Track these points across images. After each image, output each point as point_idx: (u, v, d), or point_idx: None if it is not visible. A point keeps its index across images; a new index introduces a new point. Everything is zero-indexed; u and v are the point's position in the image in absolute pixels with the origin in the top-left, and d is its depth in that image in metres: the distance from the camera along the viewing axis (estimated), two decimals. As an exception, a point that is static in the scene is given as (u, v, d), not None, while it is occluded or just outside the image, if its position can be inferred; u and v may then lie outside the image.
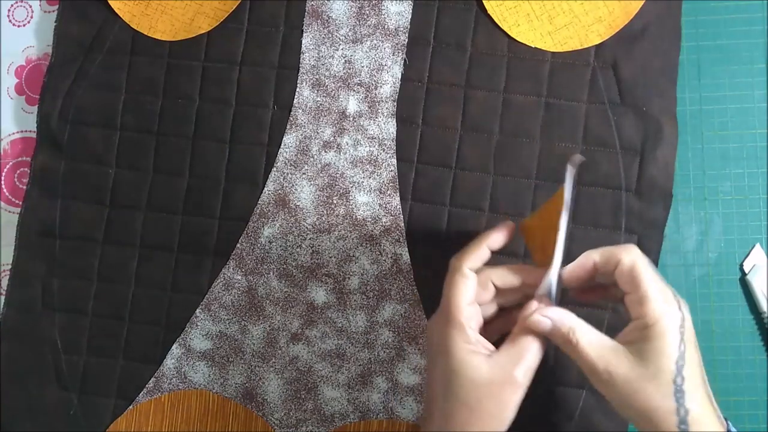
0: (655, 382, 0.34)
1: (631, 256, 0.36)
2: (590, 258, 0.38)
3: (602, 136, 0.49)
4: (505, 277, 0.39)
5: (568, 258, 0.49)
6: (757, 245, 0.49)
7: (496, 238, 0.39)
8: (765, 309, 0.48)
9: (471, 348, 0.37)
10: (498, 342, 0.39)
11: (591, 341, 0.35)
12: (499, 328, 0.42)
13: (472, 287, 0.38)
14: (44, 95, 0.53)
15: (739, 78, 0.50)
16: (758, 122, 0.50)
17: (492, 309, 0.41)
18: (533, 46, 0.50)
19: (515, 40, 0.50)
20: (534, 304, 0.38)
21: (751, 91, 0.50)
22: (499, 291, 0.40)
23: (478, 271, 0.39)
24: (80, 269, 0.52)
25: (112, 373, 0.51)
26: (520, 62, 0.50)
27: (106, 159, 0.52)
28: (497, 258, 0.42)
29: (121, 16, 0.52)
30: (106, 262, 0.52)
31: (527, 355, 0.36)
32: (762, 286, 0.48)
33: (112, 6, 0.52)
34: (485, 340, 0.38)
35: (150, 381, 0.51)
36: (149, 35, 0.52)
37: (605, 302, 0.46)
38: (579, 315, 0.38)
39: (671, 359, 0.34)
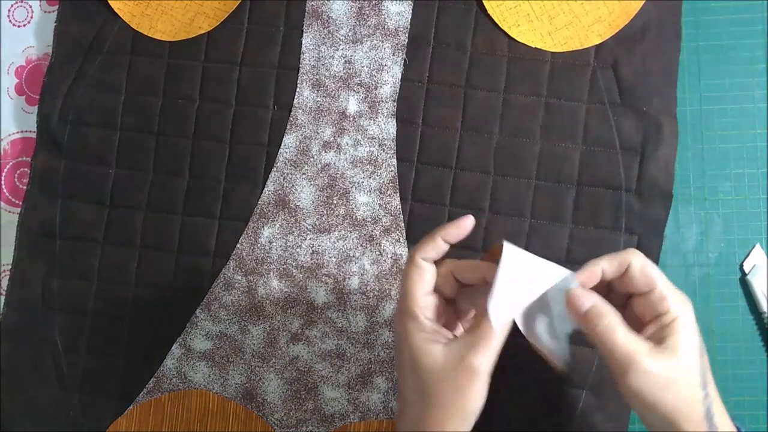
0: (687, 375, 0.34)
1: (639, 258, 0.36)
2: (598, 266, 0.37)
3: (602, 136, 0.49)
4: (464, 272, 0.38)
5: (569, 258, 0.49)
6: (757, 245, 0.49)
7: (452, 232, 0.38)
8: (765, 309, 0.48)
9: (426, 336, 0.36)
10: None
11: (626, 336, 0.35)
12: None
13: (429, 277, 0.37)
14: (44, 95, 0.53)
15: (739, 78, 0.50)
16: (758, 122, 0.50)
17: (469, 307, 0.40)
18: (533, 47, 0.50)
19: (515, 40, 0.50)
20: (494, 292, 0.36)
21: (751, 92, 0.50)
22: (466, 289, 0.39)
23: (439, 264, 0.39)
24: (80, 269, 0.52)
25: (112, 373, 0.51)
26: (520, 62, 0.50)
27: (106, 159, 0.52)
28: (459, 253, 0.42)
29: (121, 16, 0.53)
30: (106, 262, 0.52)
31: (484, 342, 0.35)
32: (762, 286, 0.48)
33: (112, 6, 0.52)
34: (444, 330, 0.38)
35: (150, 381, 0.51)
36: (149, 35, 0.52)
37: None
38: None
39: (696, 350, 0.34)
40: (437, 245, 0.38)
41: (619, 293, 0.37)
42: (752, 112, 0.50)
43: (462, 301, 0.39)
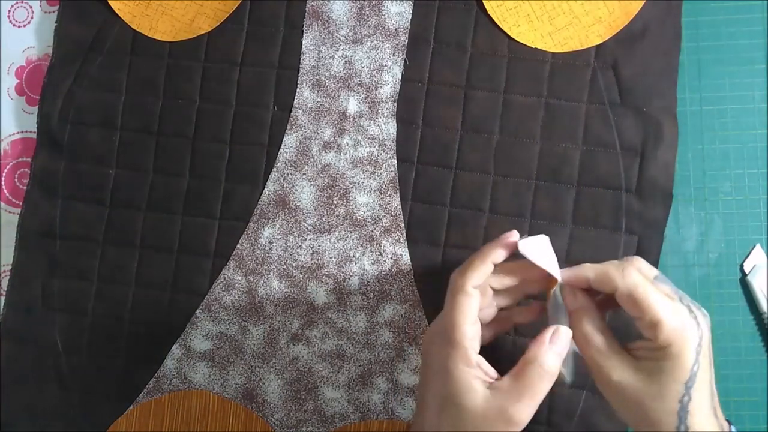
0: (658, 401, 0.33)
1: (627, 282, 0.34)
2: (583, 273, 0.36)
3: (602, 136, 0.49)
4: (503, 280, 0.38)
5: (569, 258, 0.49)
6: (758, 246, 0.49)
7: (500, 253, 0.37)
8: (765, 309, 0.48)
9: (471, 372, 0.35)
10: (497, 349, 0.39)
11: (600, 345, 0.34)
12: (495, 329, 0.41)
13: (476, 306, 0.36)
14: (44, 96, 0.53)
15: (739, 78, 0.50)
16: (758, 123, 0.50)
17: (491, 311, 0.40)
18: (533, 47, 0.50)
19: (515, 40, 0.50)
20: (546, 338, 0.35)
21: (751, 92, 0.50)
22: (497, 292, 0.39)
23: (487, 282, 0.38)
24: (80, 270, 0.52)
25: (113, 373, 0.51)
26: (521, 63, 0.50)
27: (106, 159, 0.52)
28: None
29: (121, 16, 0.52)
30: (107, 263, 0.52)
31: (528, 393, 0.34)
32: (762, 287, 0.48)
33: (113, 6, 0.52)
34: (487, 364, 0.36)
35: (150, 381, 0.51)
36: (149, 36, 0.52)
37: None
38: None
39: (681, 381, 0.33)
40: (486, 269, 0.36)
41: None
42: (752, 113, 0.50)
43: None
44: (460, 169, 0.50)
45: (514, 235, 0.37)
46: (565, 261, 0.49)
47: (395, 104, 0.51)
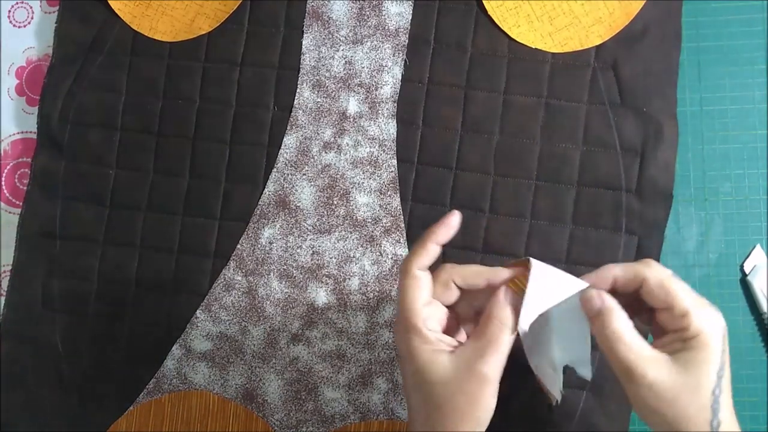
0: (695, 393, 0.33)
1: (656, 274, 0.35)
2: (610, 273, 0.36)
3: (602, 136, 0.49)
4: (467, 278, 0.37)
5: (569, 258, 0.49)
6: (758, 246, 0.49)
7: (442, 233, 0.37)
8: (765, 310, 0.48)
9: (432, 348, 0.36)
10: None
11: (632, 343, 0.34)
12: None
13: (426, 287, 0.37)
14: (44, 96, 0.53)
15: (739, 79, 0.50)
16: (759, 123, 0.50)
17: (469, 311, 0.39)
18: (533, 47, 0.50)
19: (515, 40, 0.50)
20: (500, 295, 0.36)
21: (751, 92, 0.50)
22: (466, 292, 0.38)
23: (439, 270, 0.38)
24: (80, 270, 0.52)
25: (113, 373, 0.51)
26: (521, 63, 0.50)
27: (106, 159, 0.52)
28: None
29: (121, 16, 0.53)
30: (107, 263, 0.52)
31: (491, 348, 0.35)
32: (762, 287, 0.48)
33: (113, 7, 0.52)
34: (448, 337, 0.37)
35: (150, 382, 0.51)
36: (150, 36, 0.52)
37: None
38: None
39: (713, 370, 0.33)
40: (430, 251, 0.37)
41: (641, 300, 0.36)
42: (752, 113, 0.50)
43: (461, 305, 0.38)
44: (460, 170, 0.50)
45: (454, 215, 0.38)
46: (565, 261, 0.49)
47: (395, 104, 0.51)
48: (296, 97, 0.51)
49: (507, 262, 0.39)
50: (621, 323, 0.34)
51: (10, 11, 0.56)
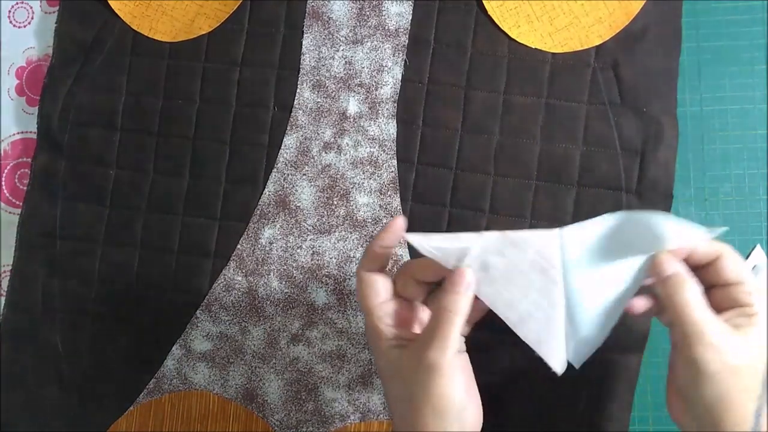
0: (752, 366, 0.34)
1: (733, 253, 0.36)
2: (690, 246, 0.36)
3: (602, 137, 0.49)
4: (417, 274, 0.38)
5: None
6: (758, 246, 0.49)
7: (386, 238, 0.38)
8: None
9: (389, 344, 0.37)
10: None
11: (705, 309, 0.35)
12: (474, 316, 0.40)
13: (380, 287, 0.38)
14: (44, 96, 0.53)
15: (739, 79, 0.50)
16: (759, 123, 0.50)
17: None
18: (534, 47, 0.50)
19: (515, 41, 0.50)
20: (448, 284, 0.36)
21: (751, 92, 0.50)
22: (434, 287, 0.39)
23: (402, 269, 0.39)
24: (81, 270, 0.52)
25: (113, 373, 0.51)
26: (521, 63, 0.50)
27: (106, 160, 0.52)
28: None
29: (121, 16, 0.52)
30: (107, 263, 0.52)
31: (438, 336, 0.35)
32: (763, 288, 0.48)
33: (113, 7, 0.52)
34: (408, 332, 0.38)
35: (150, 382, 0.51)
36: (149, 36, 0.52)
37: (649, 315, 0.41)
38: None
39: (765, 347, 0.35)
40: (376, 255, 0.38)
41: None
42: (752, 113, 0.50)
43: (431, 302, 0.39)
44: (460, 170, 0.50)
45: (398, 220, 0.38)
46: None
47: (395, 105, 0.51)
48: (296, 98, 0.51)
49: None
50: (695, 290, 0.35)
51: (10, 11, 0.56)
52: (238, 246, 0.51)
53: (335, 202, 0.51)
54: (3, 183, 0.55)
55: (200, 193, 0.51)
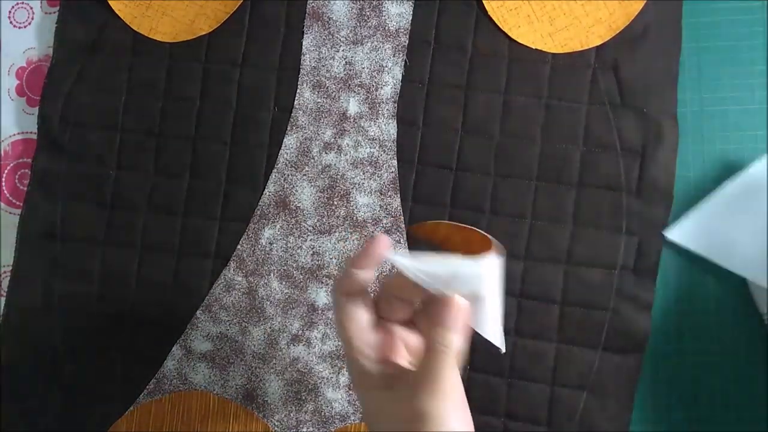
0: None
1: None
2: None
3: (603, 137, 0.49)
4: (410, 290, 0.34)
5: (570, 259, 0.49)
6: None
7: (364, 261, 0.34)
8: (764, 310, 0.48)
9: (373, 384, 0.33)
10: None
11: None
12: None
13: (361, 314, 0.34)
14: (45, 97, 0.53)
15: (739, 80, 0.50)
16: (759, 123, 0.50)
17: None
18: (534, 48, 0.50)
19: (516, 41, 0.50)
20: (452, 311, 0.33)
21: (751, 93, 0.50)
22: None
23: (385, 287, 0.35)
24: (81, 271, 0.52)
25: (113, 374, 0.51)
26: (521, 64, 0.50)
27: (107, 160, 0.52)
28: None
29: (121, 17, 0.52)
30: (107, 264, 0.52)
31: (433, 378, 0.31)
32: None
33: (113, 7, 0.52)
34: (392, 366, 0.34)
35: (150, 382, 0.51)
36: (150, 36, 0.52)
37: None
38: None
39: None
40: (354, 279, 0.34)
41: None
42: (752, 113, 0.50)
43: (420, 321, 0.36)
44: (460, 170, 0.50)
45: (376, 241, 0.34)
46: (566, 262, 0.49)
47: (396, 105, 0.51)
48: (297, 98, 0.51)
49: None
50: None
51: (10, 12, 0.56)
52: (239, 246, 0.51)
53: (335, 203, 0.51)
54: (3, 184, 0.54)
55: (201, 194, 0.51)
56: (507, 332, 0.49)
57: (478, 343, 0.48)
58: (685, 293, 0.49)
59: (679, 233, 0.48)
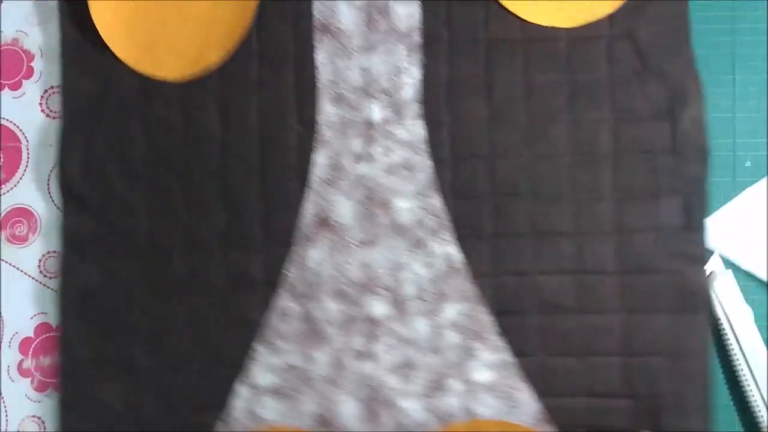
0: None
1: None
2: None
3: (629, 103, 0.49)
4: None
5: (620, 230, 0.49)
6: (715, 253, 0.50)
7: None
8: (719, 315, 0.48)
9: None
10: None
11: None
12: None
13: None
14: (62, 156, 0.51)
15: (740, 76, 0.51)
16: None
17: None
18: (547, 26, 0.50)
19: (528, 22, 0.50)
20: None
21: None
22: None
23: None
24: (128, 326, 0.50)
25: (178, 426, 0.50)
26: (536, 44, 0.50)
27: (135, 208, 0.51)
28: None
29: (124, 60, 0.51)
30: (154, 315, 0.50)
31: None
32: (720, 293, 0.48)
33: (116, 53, 0.51)
34: None
35: (220, 426, 0.49)
36: (156, 76, 0.51)
37: None
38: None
39: None
40: None
41: None
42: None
43: None
44: (494, 157, 0.50)
45: None
46: (614, 233, 0.49)
47: (419, 105, 0.50)
48: (319, 114, 0.50)
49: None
50: None
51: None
52: (286, 272, 0.50)
53: (376, 212, 0.50)
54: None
55: (237, 226, 0.50)
56: (569, 311, 0.49)
57: (546, 329, 0.48)
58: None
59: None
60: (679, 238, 0.49)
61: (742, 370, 0.47)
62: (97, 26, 0.50)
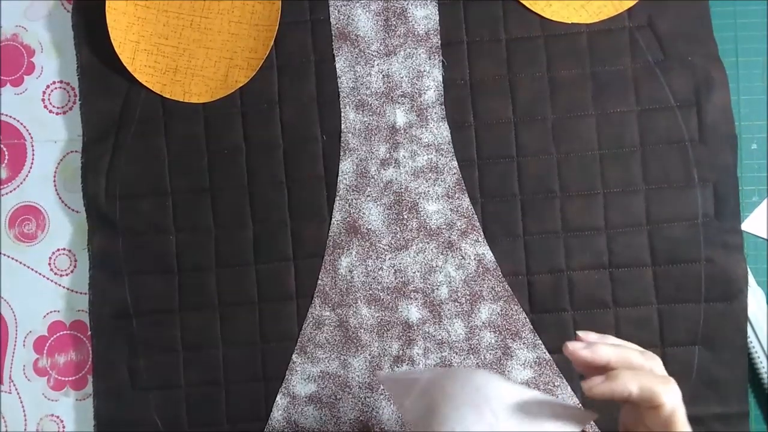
0: None
1: (672, 402, 0.34)
2: (626, 389, 0.34)
3: (654, 94, 0.49)
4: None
5: (650, 220, 0.49)
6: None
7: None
8: None
9: None
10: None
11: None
12: None
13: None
14: (86, 176, 0.51)
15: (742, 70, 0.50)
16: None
17: None
18: (570, 23, 0.50)
19: (546, 19, 0.50)
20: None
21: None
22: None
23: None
24: (163, 343, 0.51)
25: (220, 438, 0.50)
26: (557, 40, 0.50)
27: (164, 226, 0.51)
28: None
29: (150, 88, 0.51)
30: (189, 330, 0.51)
31: None
32: None
33: (141, 81, 0.51)
34: None
35: (261, 437, 0.50)
36: (185, 101, 0.51)
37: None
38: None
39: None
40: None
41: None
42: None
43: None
44: (521, 157, 0.50)
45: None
46: (646, 224, 0.49)
47: (443, 107, 0.50)
48: (342, 122, 0.51)
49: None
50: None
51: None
52: (319, 281, 0.50)
53: (405, 216, 0.50)
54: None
55: (267, 238, 0.50)
56: (605, 305, 0.49)
57: (582, 324, 0.48)
58: None
59: (752, 223, 0.49)
60: (714, 226, 0.48)
61: (754, 348, 0.48)
62: (119, 56, 0.50)
